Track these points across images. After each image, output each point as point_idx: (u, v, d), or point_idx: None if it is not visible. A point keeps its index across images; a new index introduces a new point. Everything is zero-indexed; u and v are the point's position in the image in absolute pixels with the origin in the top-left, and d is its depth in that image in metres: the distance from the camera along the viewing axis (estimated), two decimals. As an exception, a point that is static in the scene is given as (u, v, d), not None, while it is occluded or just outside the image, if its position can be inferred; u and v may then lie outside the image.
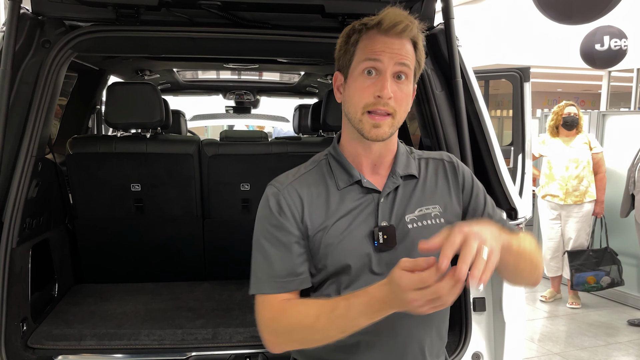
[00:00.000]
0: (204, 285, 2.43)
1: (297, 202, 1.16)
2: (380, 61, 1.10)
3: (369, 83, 1.11)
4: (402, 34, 1.10)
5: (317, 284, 1.20)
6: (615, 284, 4.68)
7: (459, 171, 1.25)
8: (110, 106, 2.38)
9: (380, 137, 1.12)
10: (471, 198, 1.24)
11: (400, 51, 1.11)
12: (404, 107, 1.13)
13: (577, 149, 4.68)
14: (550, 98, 16.17)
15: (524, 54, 9.39)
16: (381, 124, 1.11)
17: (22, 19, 1.80)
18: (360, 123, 1.12)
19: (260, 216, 1.19)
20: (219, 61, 3.16)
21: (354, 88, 1.13)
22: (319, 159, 1.25)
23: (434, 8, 2.06)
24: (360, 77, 1.12)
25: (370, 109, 1.10)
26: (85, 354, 1.87)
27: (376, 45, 1.11)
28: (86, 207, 2.48)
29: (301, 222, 1.15)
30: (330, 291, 1.17)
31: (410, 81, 1.14)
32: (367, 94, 1.11)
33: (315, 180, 1.20)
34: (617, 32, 7.01)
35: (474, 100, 1.98)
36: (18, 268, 1.79)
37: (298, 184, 1.19)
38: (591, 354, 3.93)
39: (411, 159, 1.24)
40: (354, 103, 1.13)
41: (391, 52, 1.10)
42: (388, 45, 1.10)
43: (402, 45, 1.11)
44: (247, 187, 2.59)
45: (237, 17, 1.96)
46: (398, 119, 1.13)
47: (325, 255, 1.15)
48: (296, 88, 4.41)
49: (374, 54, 1.10)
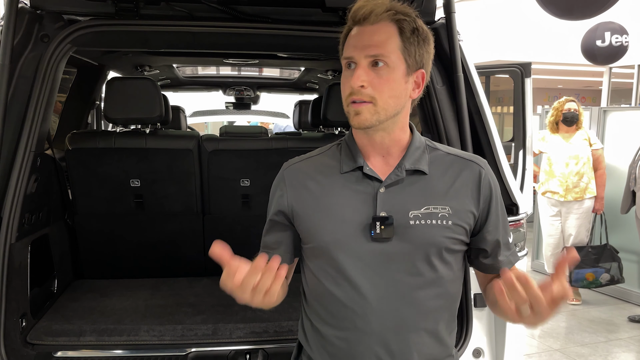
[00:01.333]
0: (203, 281, 2.43)
1: (293, 182, 1.22)
2: (352, 56, 1.13)
3: (348, 75, 1.14)
4: (369, 19, 1.11)
5: (308, 260, 1.23)
6: (615, 281, 4.67)
7: (482, 183, 1.20)
8: (110, 101, 2.38)
9: (362, 123, 1.12)
10: (482, 218, 1.21)
11: (372, 39, 1.11)
12: (386, 93, 1.12)
13: (577, 145, 4.67)
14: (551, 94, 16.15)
15: (525, 50, 9.37)
16: (360, 110, 1.12)
17: (21, 13, 1.79)
18: (348, 114, 1.15)
19: None
20: (219, 56, 3.15)
21: (341, 83, 1.18)
22: (336, 143, 1.28)
23: (435, 3, 2.05)
24: (344, 72, 1.16)
25: (351, 99, 1.13)
26: (84, 349, 1.87)
27: (350, 41, 1.14)
28: (86, 202, 2.47)
29: (287, 203, 1.21)
30: (319, 269, 1.19)
31: (393, 67, 1.12)
32: (347, 85, 1.14)
33: (323, 163, 1.23)
34: (618, 28, 6.99)
35: (475, 95, 1.97)
36: (17, 263, 1.78)
37: (305, 165, 1.25)
38: (592, 350, 3.93)
39: (425, 154, 1.21)
40: (342, 96, 1.17)
41: (362, 43, 1.12)
42: (359, 36, 1.13)
43: (372, 32, 1.12)
44: (247, 183, 2.58)
45: (237, 11, 1.96)
46: (382, 105, 1.12)
47: (311, 233, 1.18)
48: (296, 84, 4.40)
49: (347, 49, 1.14)
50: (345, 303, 1.15)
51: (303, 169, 1.24)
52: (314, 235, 1.18)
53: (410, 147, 1.20)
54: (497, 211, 1.22)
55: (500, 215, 1.23)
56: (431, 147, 1.24)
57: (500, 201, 1.23)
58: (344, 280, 1.15)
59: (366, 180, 1.17)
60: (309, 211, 1.18)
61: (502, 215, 1.23)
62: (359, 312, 1.14)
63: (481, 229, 1.21)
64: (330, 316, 1.18)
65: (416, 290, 1.15)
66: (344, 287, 1.15)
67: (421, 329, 1.16)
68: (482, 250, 1.22)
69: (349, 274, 1.14)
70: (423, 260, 1.14)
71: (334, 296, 1.16)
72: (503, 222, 1.23)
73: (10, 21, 1.70)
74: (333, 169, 1.21)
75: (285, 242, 1.25)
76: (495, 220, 1.21)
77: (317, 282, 1.20)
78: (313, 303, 1.23)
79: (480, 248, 1.22)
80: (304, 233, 1.20)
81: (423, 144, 1.22)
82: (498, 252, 1.23)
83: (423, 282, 1.15)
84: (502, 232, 1.23)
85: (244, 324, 1.93)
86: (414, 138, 1.21)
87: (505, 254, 1.24)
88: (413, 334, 1.16)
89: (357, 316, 1.14)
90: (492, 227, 1.21)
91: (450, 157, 1.23)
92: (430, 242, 1.14)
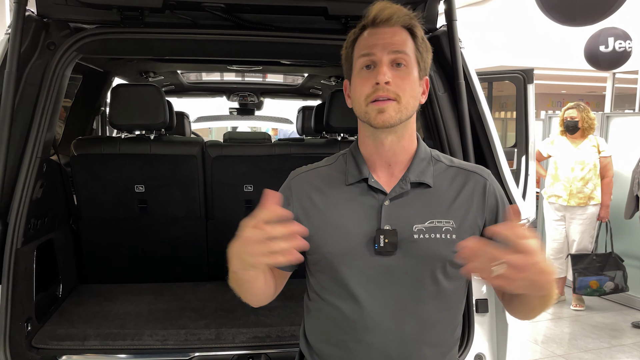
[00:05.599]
0: (207, 286, 2.44)
1: (299, 192, 1.22)
2: (373, 54, 1.13)
3: (367, 76, 1.13)
4: (390, 22, 1.13)
5: (311, 272, 1.23)
6: (619, 289, 4.65)
7: (487, 194, 1.20)
8: (115, 108, 2.40)
9: (387, 122, 1.11)
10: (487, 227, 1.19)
11: (393, 39, 1.13)
12: (408, 92, 1.13)
13: (584, 151, 4.67)
14: (555, 100, 16.14)
15: (528, 56, 9.37)
16: (385, 107, 1.11)
17: (28, 21, 1.82)
18: (367, 114, 1.13)
19: None
20: (223, 63, 3.18)
21: (355, 84, 1.16)
22: (342, 153, 1.28)
23: (437, 10, 2.06)
24: (360, 73, 1.15)
25: (372, 98, 1.12)
26: (89, 354, 1.88)
27: (369, 40, 1.15)
28: (90, 207, 2.49)
29: (292, 212, 1.19)
30: (322, 281, 1.20)
31: (410, 69, 1.14)
32: (367, 85, 1.13)
33: (329, 175, 1.24)
34: (621, 33, 6.99)
35: (477, 102, 1.98)
36: (23, 268, 1.80)
37: (312, 175, 1.25)
38: (595, 356, 3.92)
39: (430, 166, 1.20)
40: (357, 98, 1.15)
41: (383, 42, 1.12)
42: (379, 36, 1.13)
43: (393, 33, 1.14)
44: (251, 189, 2.60)
45: (240, 19, 1.98)
46: (404, 103, 1.12)
47: (315, 244, 1.17)
48: (300, 90, 4.41)
49: (367, 48, 1.14)
50: (348, 315, 1.15)
51: (310, 179, 1.24)
52: (317, 247, 1.17)
53: (416, 158, 1.20)
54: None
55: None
56: (435, 158, 1.23)
57: (507, 207, 1.23)
58: (346, 293, 1.15)
59: (371, 193, 1.18)
60: (313, 222, 1.18)
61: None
62: (361, 324, 1.14)
63: (492, 238, 1.21)
64: (332, 328, 1.19)
65: (419, 304, 1.15)
66: (346, 300, 1.16)
67: (423, 342, 1.16)
68: None
69: (352, 286, 1.15)
70: (426, 274, 1.14)
71: (336, 308, 1.17)
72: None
73: (17, 29, 1.72)
74: (338, 180, 1.21)
75: None
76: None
77: (320, 293, 1.20)
78: (316, 313, 1.23)
79: None
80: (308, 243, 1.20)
81: (428, 155, 1.22)
82: None
83: (426, 295, 1.15)
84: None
85: (247, 329, 1.94)
86: (419, 149, 1.22)
87: None
88: (415, 346, 1.16)
89: (360, 329, 1.15)
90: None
91: (453, 169, 1.23)
92: (434, 257, 1.14)
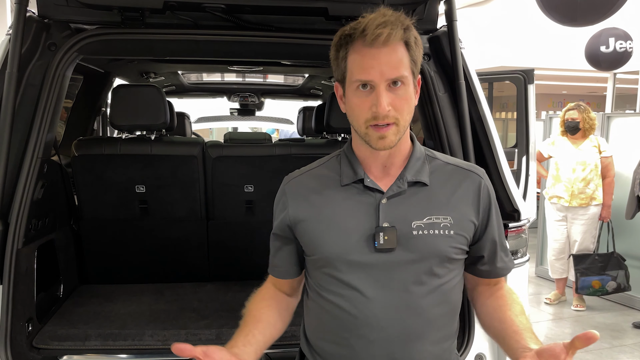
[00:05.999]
0: (207, 287, 2.44)
1: (294, 195, 1.23)
2: (371, 80, 1.09)
3: (364, 97, 1.11)
4: (388, 43, 1.08)
5: (311, 272, 1.25)
6: (622, 289, 4.64)
7: (481, 193, 1.22)
8: (116, 108, 2.40)
9: (387, 146, 1.13)
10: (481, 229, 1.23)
11: (390, 61, 1.09)
12: (406, 111, 1.13)
13: (585, 151, 4.66)
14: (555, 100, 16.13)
15: (529, 56, 9.37)
16: (386, 134, 1.11)
17: (29, 22, 1.82)
18: (367, 136, 1.13)
19: None
20: (223, 64, 3.18)
21: (352, 103, 1.14)
22: (335, 154, 1.28)
23: (437, 10, 2.06)
24: (356, 93, 1.12)
25: (371, 123, 1.11)
26: (89, 354, 1.88)
27: (364, 61, 1.09)
28: (91, 208, 2.50)
29: (289, 216, 1.22)
30: (322, 279, 1.20)
31: (408, 83, 1.12)
32: (365, 109, 1.11)
33: (323, 175, 1.24)
34: (622, 34, 6.99)
35: (477, 102, 1.98)
36: (24, 269, 1.80)
37: (305, 177, 1.26)
38: (596, 357, 3.92)
39: (426, 164, 1.21)
40: (356, 117, 1.14)
41: (380, 65, 1.08)
42: (376, 59, 1.08)
43: (390, 53, 1.09)
44: (251, 189, 2.60)
45: (241, 20, 1.98)
46: (403, 123, 1.13)
47: (314, 245, 1.19)
48: (300, 90, 4.42)
49: (363, 71, 1.09)
50: (350, 312, 1.16)
51: (304, 182, 1.24)
52: (318, 247, 1.18)
53: (412, 158, 1.21)
54: (496, 219, 1.24)
55: (498, 222, 1.25)
56: (430, 156, 1.25)
57: (496, 208, 1.25)
58: (348, 291, 1.16)
59: (367, 192, 1.18)
60: (311, 223, 1.19)
61: (498, 222, 1.26)
62: (363, 321, 1.15)
63: (481, 237, 1.23)
64: (333, 326, 1.19)
65: (420, 299, 1.15)
66: (346, 297, 1.16)
67: (425, 338, 1.17)
68: (480, 257, 1.24)
69: (353, 284, 1.15)
70: (426, 269, 1.15)
71: (337, 306, 1.17)
72: (499, 229, 1.26)
73: (18, 30, 1.73)
74: (334, 181, 1.21)
75: (291, 256, 1.27)
76: (493, 227, 1.23)
77: (320, 292, 1.21)
78: (316, 312, 1.23)
79: (478, 255, 1.24)
80: (307, 245, 1.21)
81: (423, 155, 1.23)
82: (495, 259, 1.26)
83: (426, 290, 1.16)
84: (499, 238, 1.25)
85: (248, 329, 1.94)
86: (414, 149, 1.22)
87: (504, 259, 1.27)
88: (417, 342, 1.16)
89: (361, 325, 1.15)
90: (491, 234, 1.23)
91: (449, 167, 1.24)
92: (433, 252, 1.15)
